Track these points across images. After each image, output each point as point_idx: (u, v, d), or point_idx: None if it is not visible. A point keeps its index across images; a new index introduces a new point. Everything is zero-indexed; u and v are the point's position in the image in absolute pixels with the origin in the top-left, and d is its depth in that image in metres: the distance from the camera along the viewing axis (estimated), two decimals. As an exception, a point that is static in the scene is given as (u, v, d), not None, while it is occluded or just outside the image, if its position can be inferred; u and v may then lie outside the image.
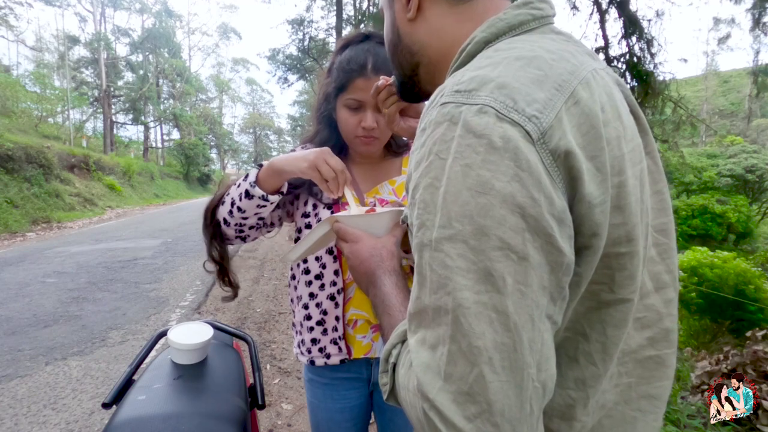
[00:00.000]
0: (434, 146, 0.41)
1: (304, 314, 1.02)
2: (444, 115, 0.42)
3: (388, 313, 0.58)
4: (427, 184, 0.41)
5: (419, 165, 0.43)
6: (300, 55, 14.72)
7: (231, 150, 43.64)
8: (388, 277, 0.62)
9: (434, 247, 0.39)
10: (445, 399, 0.38)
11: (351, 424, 1.09)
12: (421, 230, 0.41)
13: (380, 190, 1.04)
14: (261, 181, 0.90)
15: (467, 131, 0.39)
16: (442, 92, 0.44)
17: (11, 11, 21.18)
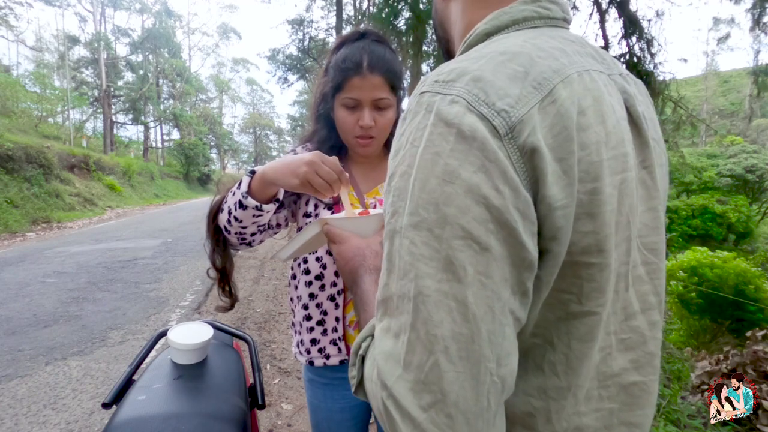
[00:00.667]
0: (410, 135, 0.42)
1: (304, 314, 1.02)
2: (420, 105, 0.42)
3: (365, 308, 0.57)
4: (402, 171, 0.41)
5: (397, 153, 0.43)
6: (300, 55, 14.73)
7: (231, 150, 43.63)
8: (369, 274, 0.62)
9: (402, 233, 0.40)
10: (402, 387, 0.38)
11: (351, 423, 1.09)
12: (393, 217, 0.41)
13: (380, 191, 1.04)
14: (254, 192, 0.87)
15: (439, 120, 0.40)
16: (424, 82, 0.44)
17: (11, 11, 21.18)
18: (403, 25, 7.66)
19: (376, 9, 9.17)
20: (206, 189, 29.68)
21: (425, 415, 0.37)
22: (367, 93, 0.93)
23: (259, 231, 0.96)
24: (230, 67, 44.78)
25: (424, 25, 7.74)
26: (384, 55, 0.94)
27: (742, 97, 32.85)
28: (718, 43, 13.08)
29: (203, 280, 5.09)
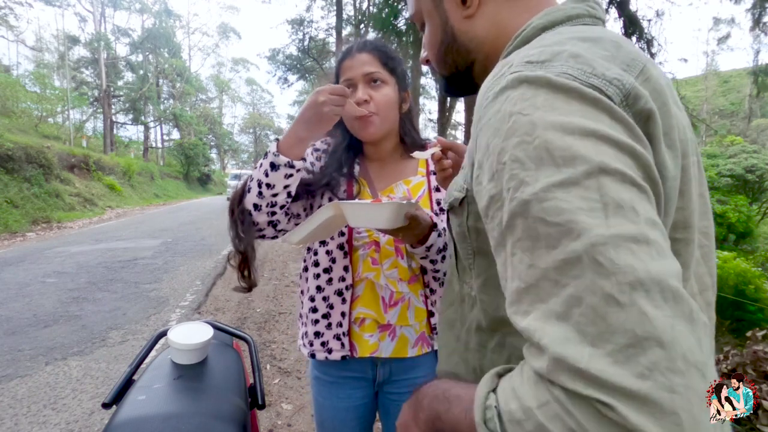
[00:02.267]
0: (513, 107, 0.40)
1: (310, 306, 1.03)
2: (518, 80, 0.41)
3: (451, 401, 0.47)
4: (516, 143, 0.39)
5: (497, 131, 0.41)
6: (300, 55, 14.73)
7: (231, 150, 43.64)
8: (427, 405, 0.50)
9: (541, 198, 0.36)
10: (603, 364, 0.31)
11: (356, 423, 1.10)
12: (519, 189, 0.38)
13: (395, 189, 1.04)
14: (283, 150, 0.89)
15: (552, 87, 0.39)
16: (509, 65, 0.44)
17: (11, 11, 21.19)
18: (403, 25, 7.65)
19: (376, 9, 9.16)
20: (206, 189, 29.68)
21: (648, 383, 0.30)
22: (357, 70, 0.97)
23: (287, 203, 0.94)
24: (230, 67, 44.85)
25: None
26: (375, 40, 1.01)
27: (742, 97, 32.86)
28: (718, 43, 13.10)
29: (203, 280, 5.10)
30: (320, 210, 0.84)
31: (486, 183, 0.42)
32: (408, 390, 1.06)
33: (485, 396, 0.39)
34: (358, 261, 1.00)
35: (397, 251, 1.01)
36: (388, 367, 1.05)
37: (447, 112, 10.54)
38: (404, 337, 1.02)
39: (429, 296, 1.03)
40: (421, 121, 18.06)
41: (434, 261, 0.94)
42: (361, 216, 0.82)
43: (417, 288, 1.02)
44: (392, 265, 1.00)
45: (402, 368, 1.05)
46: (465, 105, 5.86)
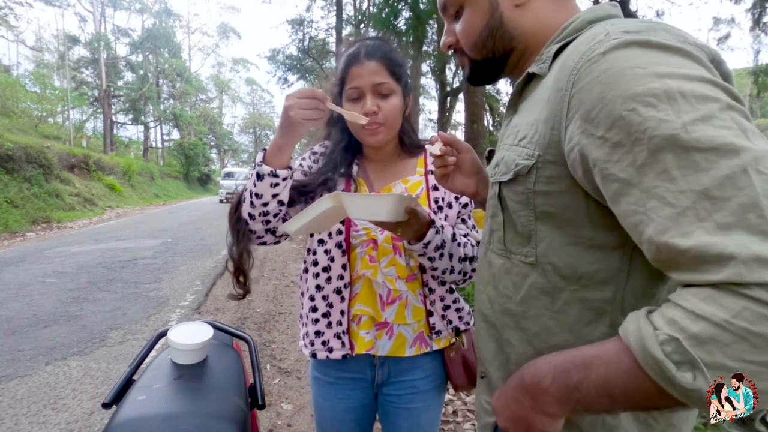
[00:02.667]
0: (628, 63, 0.46)
1: (310, 306, 1.03)
2: (624, 43, 0.47)
3: (587, 366, 0.47)
4: (643, 90, 0.44)
5: (613, 85, 0.46)
6: (300, 55, 14.73)
7: (231, 150, 43.65)
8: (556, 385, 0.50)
9: (689, 130, 0.41)
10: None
11: (355, 424, 1.09)
12: (659, 128, 0.43)
13: (393, 189, 1.04)
14: (267, 159, 0.92)
15: (659, 47, 0.47)
16: (604, 33, 0.50)
17: (11, 11, 21.19)
18: (403, 25, 7.66)
19: (376, 9, 9.17)
20: (206, 189, 29.68)
21: None
22: (366, 79, 0.95)
23: (280, 212, 0.96)
24: (230, 67, 44.89)
25: (424, 25, 7.74)
26: (381, 46, 0.99)
27: (742, 97, 32.82)
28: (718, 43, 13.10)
29: (203, 280, 5.10)
30: (320, 200, 0.83)
31: (603, 132, 0.47)
32: (407, 392, 1.07)
33: (654, 334, 0.41)
34: (356, 259, 1.00)
35: (395, 249, 1.01)
36: (387, 367, 1.05)
37: (447, 112, 10.54)
38: (402, 336, 1.02)
39: (428, 295, 1.02)
40: (421, 121, 18.06)
41: (432, 258, 0.94)
42: (362, 207, 0.82)
43: (415, 287, 1.02)
44: (390, 262, 1.00)
45: (400, 369, 1.05)
46: (465, 105, 5.86)
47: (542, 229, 0.58)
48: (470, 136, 5.60)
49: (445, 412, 2.35)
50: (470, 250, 1.00)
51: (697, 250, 0.40)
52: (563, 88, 0.52)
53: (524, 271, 0.60)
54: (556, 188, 0.55)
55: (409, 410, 1.07)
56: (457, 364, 1.06)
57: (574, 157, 0.51)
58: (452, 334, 1.06)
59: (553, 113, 0.54)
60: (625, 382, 0.44)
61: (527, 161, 0.58)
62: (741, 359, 0.37)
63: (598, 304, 0.55)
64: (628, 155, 0.45)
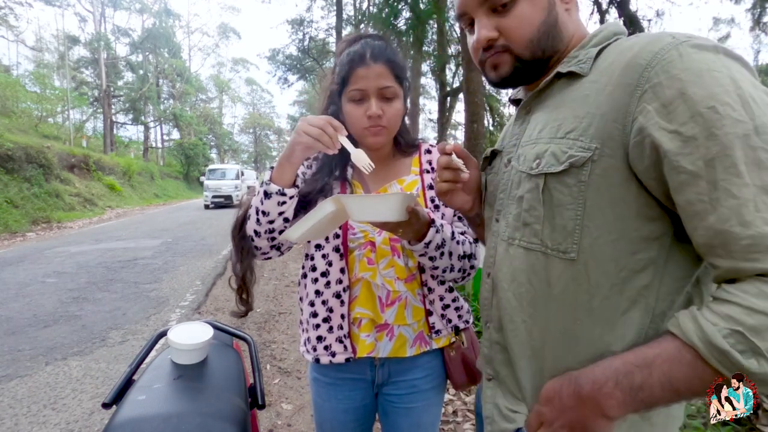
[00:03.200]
0: (708, 66, 0.51)
1: (310, 311, 1.02)
2: (697, 47, 0.53)
3: (648, 365, 0.52)
4: (721, 91, 0.49)
5: (693, 83, 0.50)
6: (300, 55, 14.72)
7: (231, 150, 43.64)
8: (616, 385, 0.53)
9: (760, 131, 0.47)
10: None
11: (355, 425, 1.09)
12: (734, 126, 0.48)
13: (389, 189, 1.04)
14: (274, 178, 0.93)
15: (727, 55, 0.53)
16: (671, 37, 0.55)
17: (11, 11, 21.18)
18: (403, 25, 7.66)
19: (376, 9, 9.17)
20: (206, 189, 29.67)
21: None
22: (372, 82, 0.94)
23: (285, 229, 0.97)
24: (230, 67, 44.83)
25: (424, 25, 7.74)
26: (386, 48, 0.98)
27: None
28: (718, 43, 13.10)
29: (203, 280, 5.10)
30: (321, 205, 0.82)
31: (678, 126, 0.51)
32: (407, 391, 1.07)
33: (715, 328, 0.47)
34: (354, 262, 1.00)
35: (393, 250, 1.00)
36: (387, 368, 1.05)
37: (447, 112, 10.54)
38: (402, 337, 1.02)
39: (427, 295, 1.02)
40: (421, 121, 18.05)
41: (433, 258, 0.94)
42: (364, 209, 0.81)
43: (414, 287, 1.02)
44: (388, 264, 1.00)
45: (401, 369, 1.05)
46: (465, 105, 5.86)
47: (589, 225, 0.58)
48: (470, 136, 5.59)
49: (445, 412, 2.35)
50: (468, 247, 1.00)
51: (752, 239, 0.46)
52: (633, 84, 0.55)
53: (562, 266, 0.61)
54: (610, 181, 0.57)
55: (410, 410, 1.07)
56: (456, 363, 1.06)
57: (642, 148, 0.54)
58: (452, 333, 1.06)
59: (616, 107, 0.56)
60: (689, 375, 0.49)
61: (583, 153, 0.58)
62: None
63: (635, 292, 0.57)
64: (699, 149, 0.49)
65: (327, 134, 0.85)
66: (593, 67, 0.62)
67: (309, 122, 0.85)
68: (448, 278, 1.00)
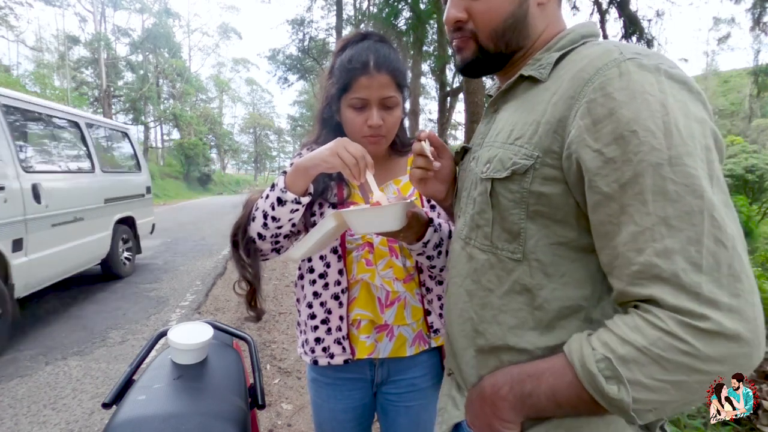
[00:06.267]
0: (642, 88, 0.50)
1: (309, 313, 1.02)
2: (640, 66, 0.52)
3: (538, 377, 0.56)
4: (647, 116, 0.49)
5: (625, 104, 0.50)
6: (300, 55, 14.73)
7: (231, 150, 43.59)
8: (512, 392, 0.58)
9: (673, 162, 0.47)
10: (713, 287, 0.45)
11: (354, 424, 1.09)
12: (650, 154, 0.48)
13: (385, 190, 1.04)
14: (289, 185, 0.89)
15: (669, 78, 0.51)
16: (618, 52, 0.54)
17: (11, 11, 21.19)
18: (404, 25, 7.66)
19: (376, 9, 9.17)
20: (206, 189, 29.67)
21: (739, 300, 0.45)
22: (375, 92, 0.93)
23: (290, 234, 0.96)
24: (230, 67, 44.80)
25: (424, 25, 7.74)
26: (389, 55, 0.95)
27: (742, 97, 32.83)
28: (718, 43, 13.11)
29: (203, 280, 5.09)
30: (321, 222, 0.82)
31: (602, 146, 0.51)
32: (406, 390, 1.07)
33: (592, 353, 0.50)
34: (353, 263, 1.00)
35: (391, 251, 1.00)
36: (386, 367, 1.05)
37: (447, 112, 10.54)
38: (402, 337, 1.02)
39: (425, 295, 1.02)
40: (421, 121, 18.04)
41: (431, 257, 0.94)
42: (367, 222, 0.80)
43: (412, 287, 1.02)
44: (387, 265, 1.00)
45: (400, 368, 1.05)
46: (465, 105, 5.86)
47: (532, 228, 0.60)
48: (470, 136, 5.61)
49: (445, 412, 2.35)
50: None
51: (641, 265, 0.48)
52: (574, 96, 0.54)
53: (510, 267, 0.62)
54: (550, 190, 0.57)
55: (408, 408, 1.07)
56: None
57: (570, 163, 0.54)
58: None
59: (558, 118, 0.56)
60: (569, 392, 0.53)
61: (526, 161, 0.59)
62: (653, 378, 0.47)
63: (576, 301, 0.59)
64: (616, 172, 0.50)
65: (359, 166, 0.82)
66: (552, 73, 0.61)
67: (346, 147, 0.83)
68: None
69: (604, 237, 0.52)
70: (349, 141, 0.84)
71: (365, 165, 0.83)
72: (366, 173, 0.83)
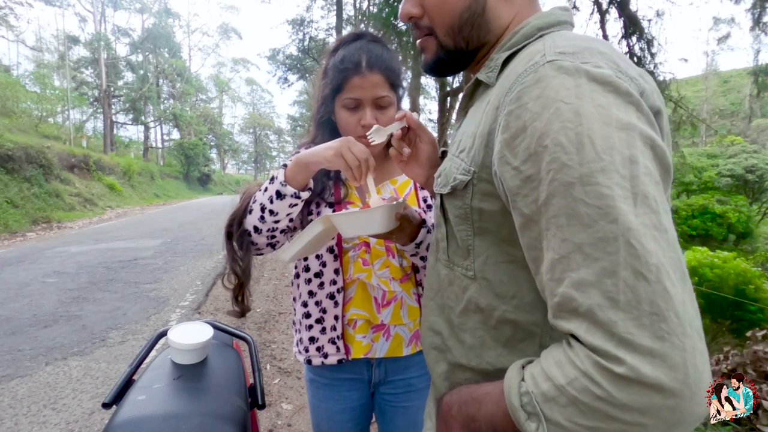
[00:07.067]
0: (556, 95, 0.44)
1: (303, 312, 1.02)
2: (558, 69, 0.45)
3: (479, 401, 0.52)
4: (558, 128, 0.43)
5: (538, 116, 0.44)
6: (300, 55, 14.72)
7: (231, 150, 43.60)
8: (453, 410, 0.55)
9: (584, 181, 0.41)
10: (631, 327, 0.38)
11: (352, 424, 1.09)
12: (560, 172, 0.42)
13: (381, 190, 1.04)
14: (289, 179, 0.88)
15: (591, 80, 0.44)
16: (541, 54, 0.48)
17: (11, 11, 21.18)
18: (404, 25, 7.65)
19: (376, 9, 9.16)
20: (206, 189, 29.68)
21: (664, 344, 0.37)
22: (367, 92, 0.93)
23: (288, 228, 0.95)
24: (230, 67, 44.79)
25: (424, 25, 7.73)
26: (382, 54, 0.95)
27: (742, 97, 32.82)
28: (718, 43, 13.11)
29: (203, 280, 5.09)
30: (310, 226, 0.82)
31: (519, 163, 0.46)
32: (404, 390, 1.07)
33: (518, 384, 0.45)
34: (349, 263, 1.00)
35: (387, 251, 1.01)
36: (384, 367, 1.05)
37: (447, 112, 10.53)
38: (399, 337, 1.02)
39: (422, 294, 1.02)
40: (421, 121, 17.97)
41: (424, 258, 0.94)
42: (354, 225, 0.81)
43: (409, 287, 1.02)
44: (383, 264, 1.00)
45: (397, 368, 1.05)
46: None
47: (480, 245, 0.57)
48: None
49: (445, 412, 2.36)
50: None
51: (561, 297, 0.42)
52: (498, 107, 0.50)
53: (465, 284, 0.59)
54: (490, 206, 0.54)
55: (406, 408, 1.07)
56: None
57: (498, 181, 0.50)
58: None
59: (488, 131, 0.52)
60: (504, 421, 0.47)
61: (464, 176, 0.56)
62: (571, 420, 0.41)
63: (529, 326, 0.55)
64: (534, 192, 0.45)
65: (362, 169, 0.82)
66: (499, 76, 0.56)
67: (351, 149, 0.82)
68: None
69: (533, 262, 0.48)
70: (354, 141, 0.84)
71: (367, 168, 0.83)
72: (367, 176, 0.83)
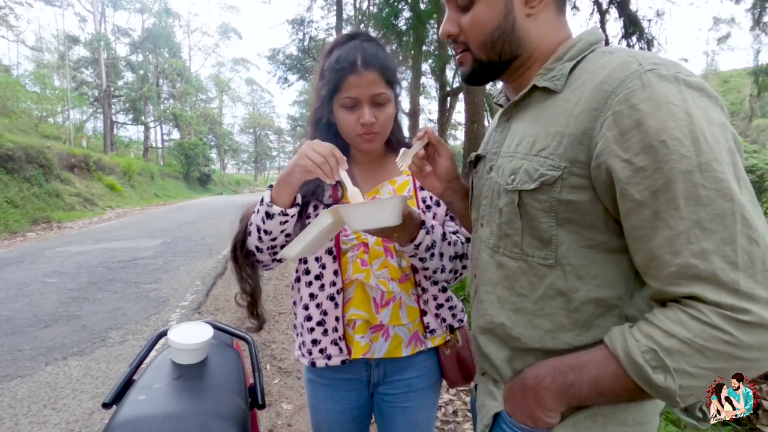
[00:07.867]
0: (666, 98, 0.53)
1: (305, 315, 1.02)
2: (660, 77, 0.54)
3: (581, 368, 0.60)
4: (673, 125, 0.51)
5: (651, 115, 0.52)
6: (300, 55, 14.72)
7: (231, 150, 43.59)
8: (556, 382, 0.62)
9: (703, 168, 0.50)
10: (750, 283, 0.49)
11: (352, 424, 1.09)
12: (680, 162, 0.51)
13: (381, 190, 1.04)
14: (275, 199, 0.91)
15: (689, 86, 0.54)
16: (638, 63, 0.56)
17: (11, 11, 21.18)
18: (404, 25, 7.65)
19: (376, 9, 9.16)
20: (206, 189, 29.67)
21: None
22: (364, 90, 0.93)
23: (287, 243, 0.97)
24: (230, 67, 44.78)
25: (424, 24, 7.73)
26: (377, 52, 0.95)
27: (742, 97, 32.80)
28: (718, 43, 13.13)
29: (203, 280, 5.10)
30: (318, 218, 0.80)
31: (631, 156, 0.54)
32: (403, 391, 1.07)
33: (636, 345, 0.54)
34: (348, 263, 1.00)
35: (386, 251, 1.00)
36: (383, 367, 1.05)
37: (447, 112, 10.53)
38: (398, 337, 1.02)
39: (421, 295, 1.03)
40: (421, 121, 18.02)
41: (423, 259, 0.94)
42: (363, 217, 0.79)
43: (408, 287, 1.02)
44: (382, 265, 1.00)
45: (396, 369, 1.05)
46: (465, 105, 5.86)
47: (562, 234, 0.63)
48: (470, 136, 5.60)
49: (445, 412, 2.36)
50: (460, 247, 1.00)
51: (679, 267, 0.51)
52: (598, 109, 0.57)
53: (542, 273, 0.65)
54: (579, 197, 0.60)
55: (406, 409, 1.07)
56: (451, 362, 1.06)
57: (599, 172, 0.57)
58: (446, 332, 1.06)
59: (582, 130, 0.59)
60: (612, 381, 0.57)
61: (553, 172, 0.61)
62: (696, 366, 0.51)
63: (610, 301, 0.62)
64: (647, 180, 0.53)
65: (329, 164, 0.82)
66: (567, 83, 0.64)
67: (313, 148, 0.83)
68: (440, 279, 1.00)
69: (637, 241, 0.55)
70: (317, 141, 0.84)
71: (335, 162, 0.83)
72: (338, 170, 0.83)
